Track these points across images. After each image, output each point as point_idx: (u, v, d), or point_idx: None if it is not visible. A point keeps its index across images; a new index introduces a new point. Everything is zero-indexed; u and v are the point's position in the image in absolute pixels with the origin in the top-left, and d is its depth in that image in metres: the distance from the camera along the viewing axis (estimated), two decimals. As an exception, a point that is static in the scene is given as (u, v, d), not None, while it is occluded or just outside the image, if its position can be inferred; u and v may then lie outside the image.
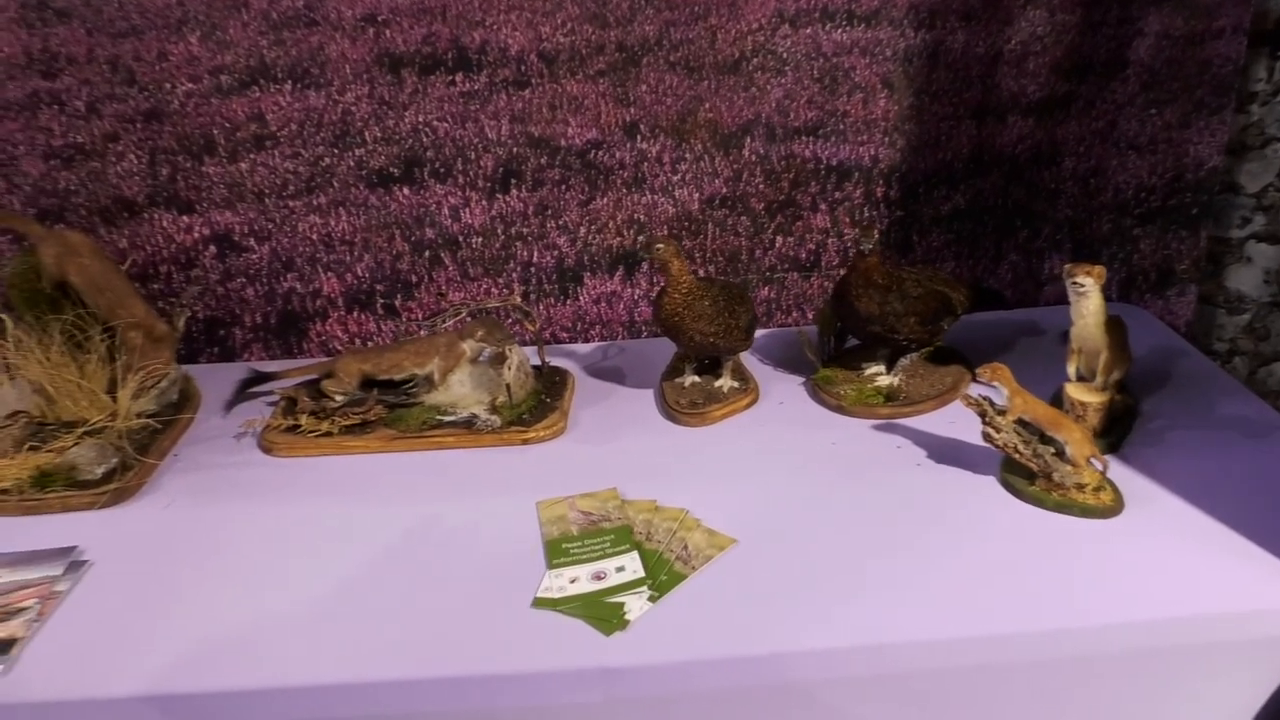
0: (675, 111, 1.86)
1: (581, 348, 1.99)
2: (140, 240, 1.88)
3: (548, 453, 1.63)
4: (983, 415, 1.43)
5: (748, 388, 1.74)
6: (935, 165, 1.93)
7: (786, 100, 1.86)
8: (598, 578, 1.31)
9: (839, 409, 1.69)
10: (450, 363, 1.69)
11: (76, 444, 1.56)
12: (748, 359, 1.84)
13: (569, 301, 1.98)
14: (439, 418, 1.66)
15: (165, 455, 1.64)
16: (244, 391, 1.78)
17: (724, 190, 1.92)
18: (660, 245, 1.58)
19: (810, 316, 2.03)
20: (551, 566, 1.34)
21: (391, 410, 1.69)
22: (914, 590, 1.27)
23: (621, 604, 1.26)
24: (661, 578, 1.31)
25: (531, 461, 1.61)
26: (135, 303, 1.68)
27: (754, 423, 1.69)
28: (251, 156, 1.83)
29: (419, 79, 1.80)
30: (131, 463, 1.56)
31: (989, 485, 1.48)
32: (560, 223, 1.92)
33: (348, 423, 1.66)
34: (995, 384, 1.44)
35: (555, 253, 1.94)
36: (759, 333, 1.87)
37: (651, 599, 1.27)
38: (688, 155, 1.89)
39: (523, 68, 1.81)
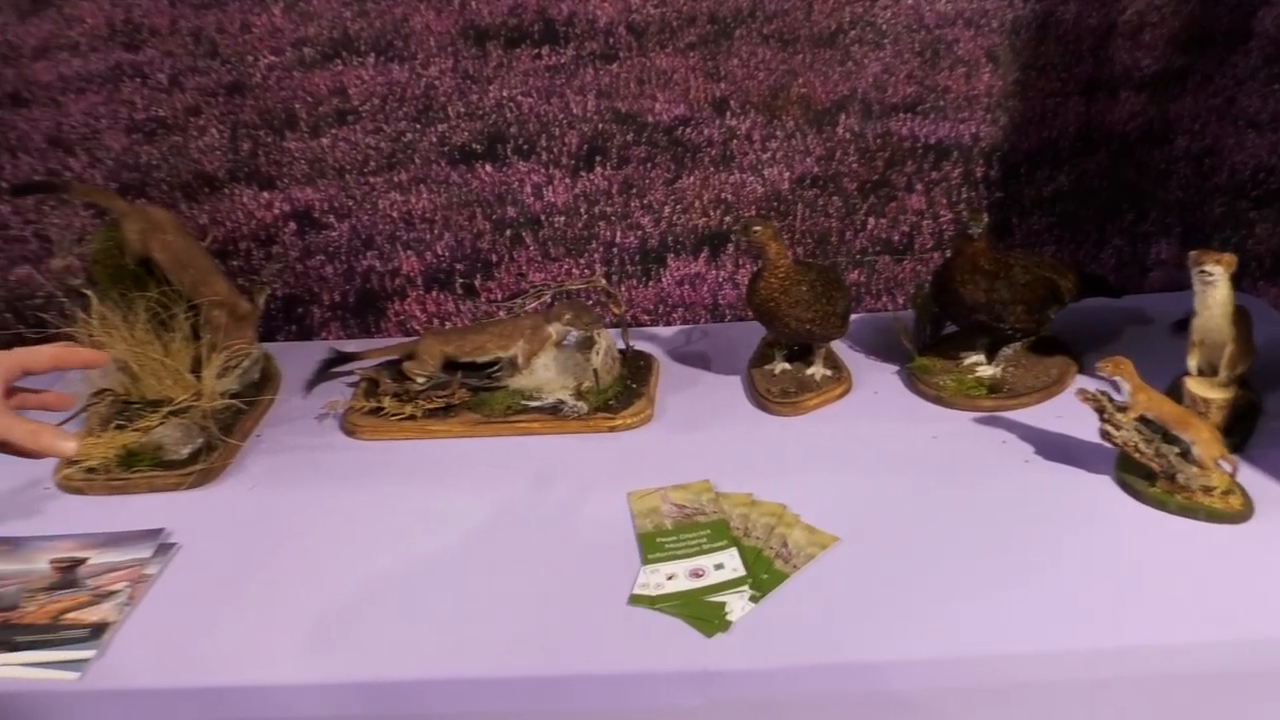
0: (767, 86, 1.79)
1: (664, 331, 1.93)
2: (220, 216, 1.86)
3: (635, 441, 1.58)
4: (1101, 411, 1.36)
5: (840, 376, 1.67)
6: (1039, 144, 1.84)
7: (884, 75, 1.78)
8: (696, 575, 1.26)
9: (938, 400, 1.61)
10: (535, 346, 1.64)
11: (162, 423, 1.54)
12: (838, 346, 1.77)
13: (651, 283, 1.93)
14: (524, 403, 1.62)
15: (248, 436, 1.62)
16: (325, 372, 1.75)
17: (815, 169, 1.85)
18: (758, 227, 1.52)
19: (900, 302, 1.96)
20: (647, 562, 1.29)
21: (475, 394, 1.65)
22: (1026, 596, 1.20)
23: (723, 604, 1.21)
24: (762, 576, 1.26)
25: (619, 450, 1.56)
26: (219, 280, 1.66)
27: (848, 413, 1.62)
28: (333, 131, 1.80)
29: (504, 52, 1.75)
30: (216, 443, 1.55)
31: (1104, 485, 1.40)
32: (645, 202, 1.86)
33: (431, 406, 1.62)
34: (1117, 378, 1.35)
35: (638, 233, 1.89)
36: (849, 318, 1.79)
37: (753, 599, 1.22)
38: (779, 132, 1.82)
39: (611, 40, 1.74)
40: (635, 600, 1.23)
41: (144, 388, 1.62)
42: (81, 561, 1.35)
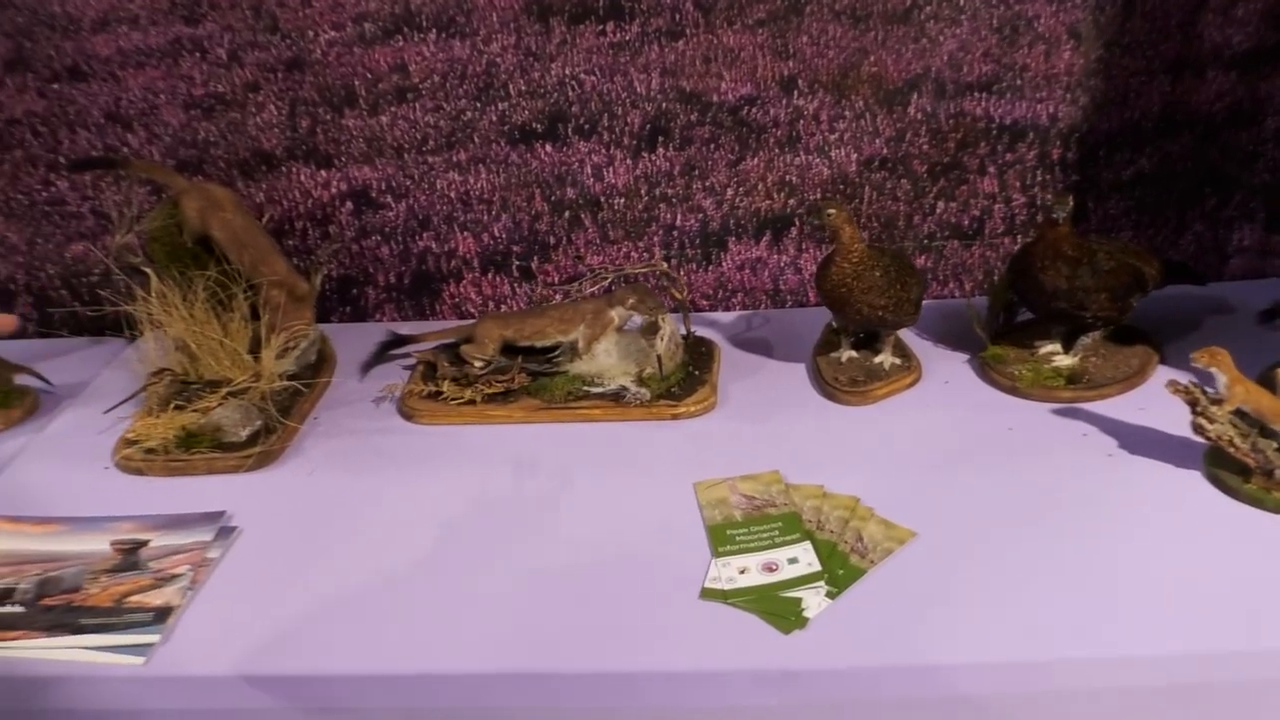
0: (837, 65, 1.73)
1: (724, 316, 1.88)
2: (277, 195, 1.84)
3: (699, 429, 1.54)
4: (1194, 404, 1.29)
5: (910, 365, 1.62)
6: (1120, 125, 1.77)
7: (960, 53, 1.71)
8: (769, 569, 1.22)
9: (1013, 390, 1.56)
10: (596, 331, 1.61)
11: (221, 404, 1.52)
12: (905, 333, 1.71)
13: (711, 268, 1.88)
14: (585, 388, 1.58)
15: (306, 419, 1.60)
16: (382, 354, 1.73)
17: (884, 151, 1.79)
18: (832, 210, 1.47)
19: (968, 288, 1.90)
20: (718, 555, 1.25)
21: (534, 379, 1.62)
22: (1114, 598, 1.15)
23: (798, 599, 1.17)
24: (838, 572, 1.21)
25: (683, 438, 1.52)
26: (277, 260, 1.64)
27: (919, 403, 1.57)
28: (392, 109, 1.76)
29: (568, 28, 1.70)
30: (275, 426, 1.52)
31: (1194, 480, 1.34)
32: (707, 184, 1.81)
33: (491, 391, 1.59)
34: (1213, 370, 1.29)
35: (700, 216, 1.84)
36: (916, 304, 1.74)
37: (830, 595, 1.18)
38: (847, 113, 1.76)
39: (677, 17, 1.69)
40: (707, 594, 1.20)
41: (203, 368, 1.60)
42: (143, 544, 1.33)
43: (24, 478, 1.50)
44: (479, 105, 1.76)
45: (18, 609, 1.22)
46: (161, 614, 1.20)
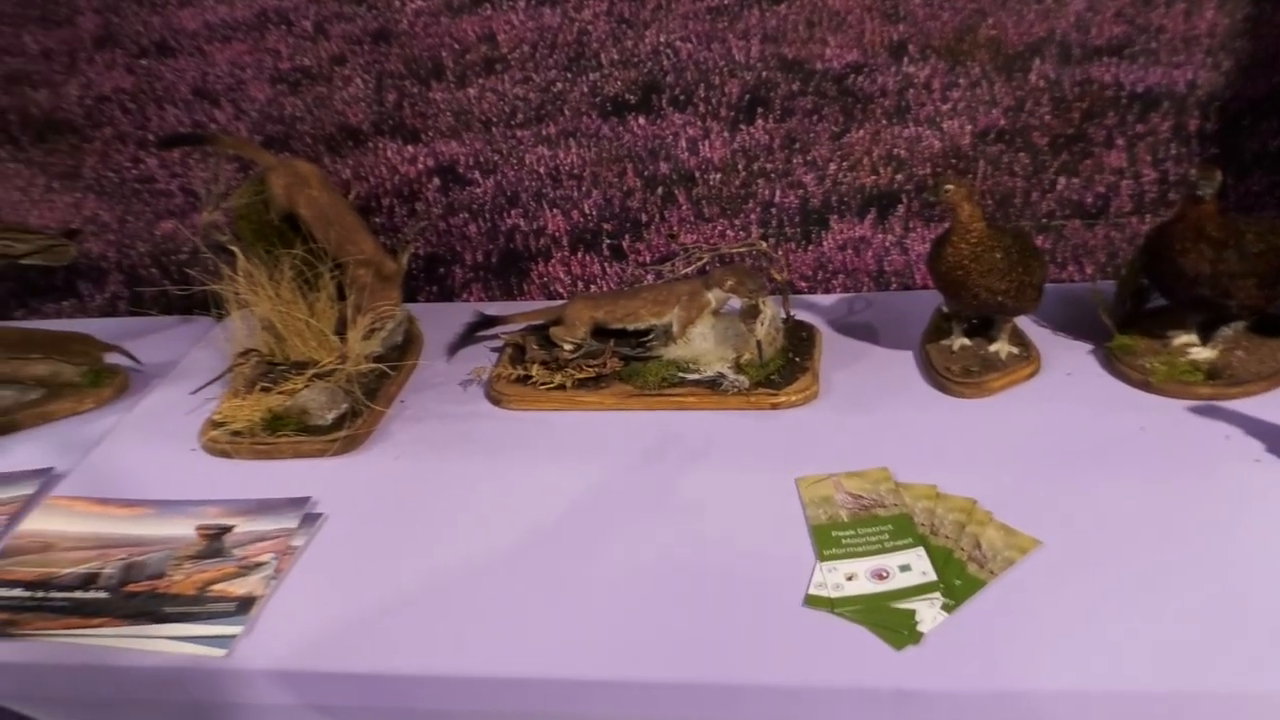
0: (952, 28, 1.60)
1: (824, 299, 1.78)
2: (364, 171, 1.80)
3: (800, 420, 1.45)
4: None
5: (1029, 354, 1.50)
6: (1268, 91, 1.60)
7: (1089, 13, 1.57)
8: (879, 576, 1.13)
9: (1144, 385, 1.43)
10: (692, 314, 1.52)
11: (306, 386, 1.49)
12: (1023, 321, 1.59)
13: (811, 247, 1.78)
14: (680, 375, 1.50)
15: (393, 402, 1.56)
16: (469, 335, 1.68)
17: (1001, 122, 1.66)
18: (951, 185, 1.35)
19: (1090, 272, 1.76)
20: (823, 558, 1.17)
21: (626, 364, 1.55)
22: (1266, 623, 1.03)
23: (911, 611, 1.08)
24: (955, 582, 1.12)
25: (783, 429, 1.43)
26: (364, 238, 1.59)
27: (1040, 397, 1.45)
28: (480, 81, 1.70)
29: (663, -7, 1.62)
30: (361, 409, 1.48)
31: (1357, 491, 1.21)
32: (808, 158, 1.71)
33: (581, 376, 1.53)
34: None
35: (800, 192, 1.74)
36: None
37: (946, 608, 1.08)
38: (962, 80, 1.64)
39: (779, -21, 1.59)
40: (812, 601, 1.11)
41: (289, 349, 1.57)
42: (228, 529, 1.30)
43: (112, 458, 1.49)
44: (569, 76, 1.68)
45: (102, 595, 1.20)
46: (245, 604, 1.17)
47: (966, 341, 1.53)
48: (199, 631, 1.14)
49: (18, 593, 1.22)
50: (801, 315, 1.69)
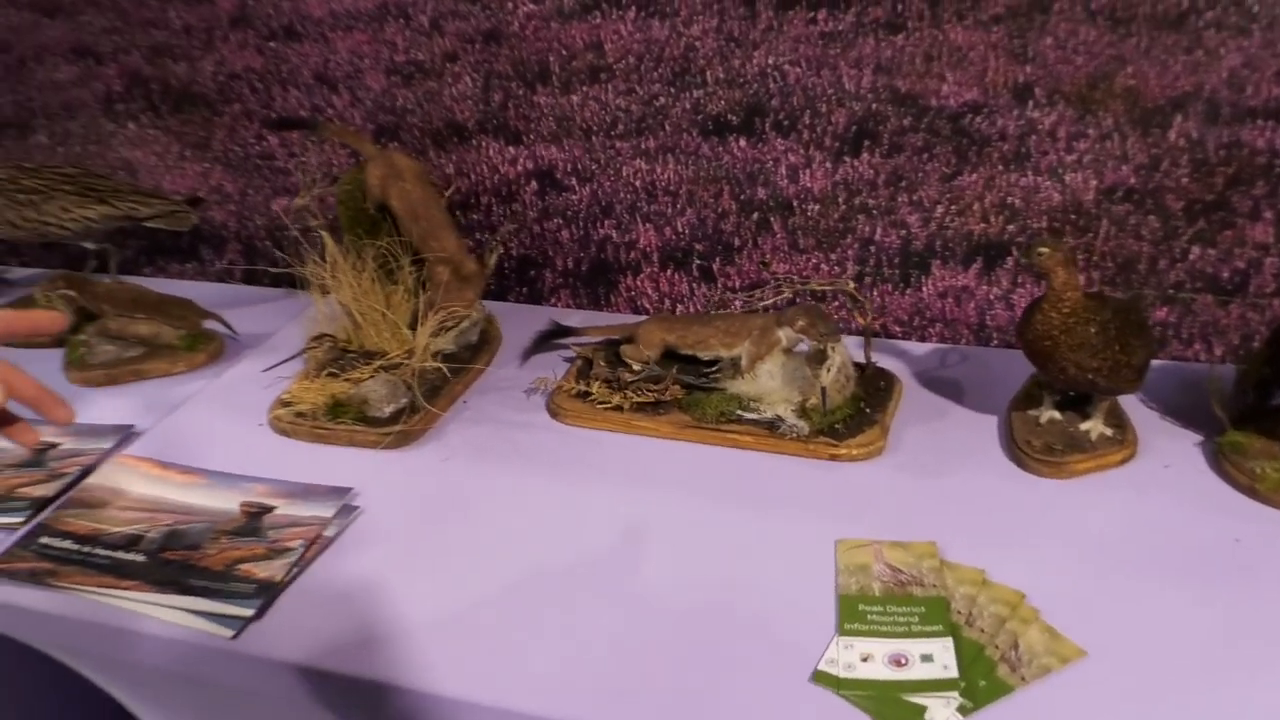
0: (1085, 74, 1.48)
1: (916, 348, 1.68)
2: (466, 168, 1.81)
3: (858, 476, 1.37)
4: None
5: (1124, 438, 1.37)
6: None
7: (1245, 70, 1.42)
8: (897, 663, 1.05)
9: (1249, 490, 1.28)
10: (761, 350, 1.46)
11: (371, 377, 1.51)
12: (1127, 399, 1.45)
13: (909, 291, 1.68)
14: (739, 412, 1.45)
15: (455, 401, 1.57)
16: (540, 344, 1.67)
17: (1132, 180, 1.52)
18: (1045, 248, 1.24)
19: (1218, 353, 1.59)
20: (843, 632, 1.09)
21: (688, 392, 1.50)
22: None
23: (923, 708, 1.00)
24: (980, 683, 1.02)
25: (837, 484, 1.36)
26: (449, 236, 1.60)
27: (1128, 487, 1.32)
28: (584, 89, 1.68)
29: (775, 14, 1.55)
30: (420, 406, 1.50)
31: None
32: (914, 198, 1.61)
33: (641, 400, 1.49)
34: None
35: (902, 232, 1.65)
36: (1148, 365, 1.47)
37: (963, 710, 0.99)
38: (1091, 131, 1.51)
39: (899, 7, 1.50)
40: (819, 678, 1.04)
41: (363, 337, 1.60)
42: (269, 510, 1.33)
43: (185, 423, 1.56)
44: (673, 91, 1.64)
45: (139, 558, 1.25)
46: (263, 588, 1.19)
47: (1056, 415, 1.41)
48: (215, 609, 1.16)
49: (67, 544, 1.28)
50: (886, 362, 1.60)
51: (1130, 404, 1.45)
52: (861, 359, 1.53)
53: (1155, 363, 1.46)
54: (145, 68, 1.94)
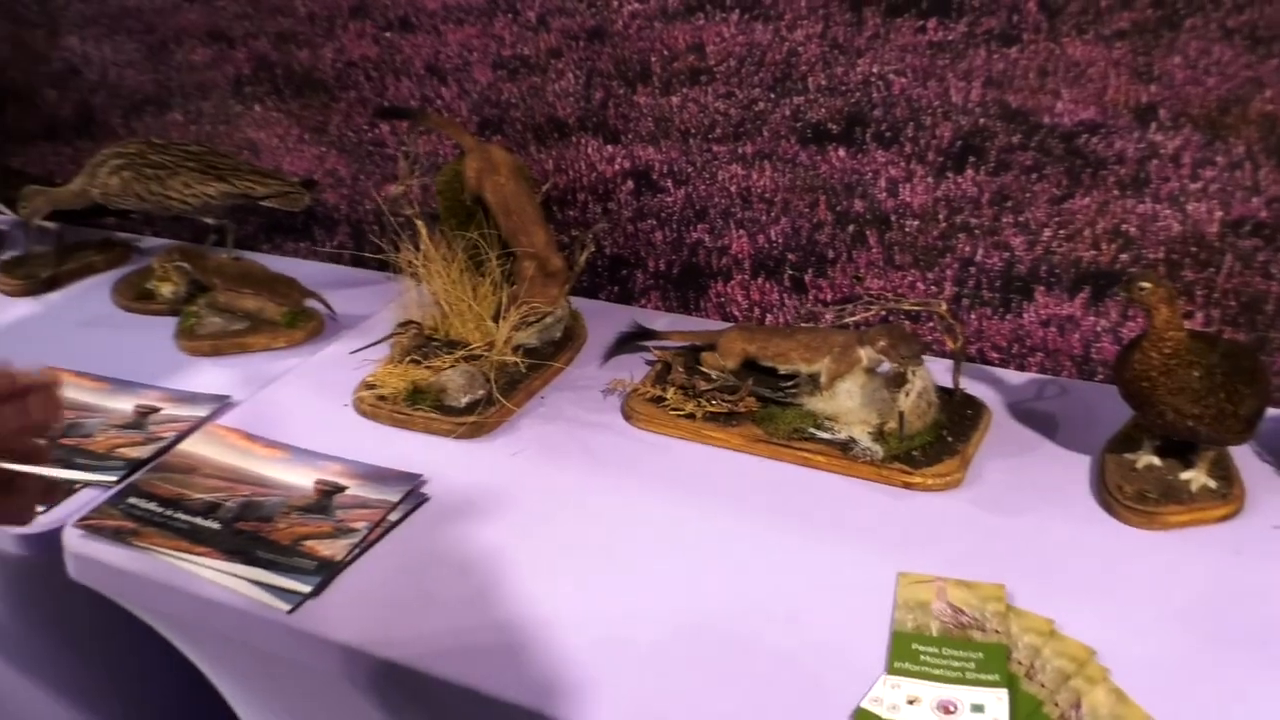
0: (1216, 97, 1.37)
1: (1012, 376, 1.60)
2: (565, 164, 1.82)
3: (931, 507, 1.31)
4: None
5: (1229, 492, 1.27)
6: None
7: (1402, 100, 1.29)
8: (945, 710, 1.00)
9: (1370, 559, 1.17)
10: (841, 368, 1.42)
11: (451, 367, 1.54)
12: (1240, 450, 1.34)
13: (1009, 316, 1.60)
14: (812, 430, 1.41)
15: (532, 396, 1.57)
16: (621, 345, 1.66)
17: (1263, 213, 1.40)
18: (1147, 284, 1.16)
19: (1352, 403, 1.46)
20: (892, 671, 1.05)
21: (763, 405, 1.47)
22: None
23: (965, 761, 0.95)
24: (1031, 741, 0.97)
25: (907, 513, 1.30)
26: (538, 232, 1.61)
27: (1227, 547, 1.22)
28: (684, 90, 1.66)
29: (883, 21, 1.50)
30: (495, 399, 1.51)
31: None
32: (1020, 219, 1.53)
33: (714, 409, 1.47)
34: None
35: (1005, 254, 1.57)
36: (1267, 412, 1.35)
37: (1009, 768, 0.94)
38: (1219, 158, 1.40)
39: (1015, 18, 1.43)
40: (861, 716, 1.00)
41: (449, 327, 1.62)
42: (341, 489, 1.37)
43: (277, 398, 1.62)
44: (773, 96, 1.61)
45: (214, 525, 1.30)
46: (323, 566, 1.22)
47: (1155, 461, 1.32)
48: (276, 582, 1.20)
49: (152, 506, 1.34)
50: (978, 389, 1.53)
51: (1243, 455, 1.34)
52: (950, 384, 1.47)
53: (1272, 410, 1.35)
54: (272, 53, 2.02)
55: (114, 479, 1.42)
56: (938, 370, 1.48)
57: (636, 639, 1.11)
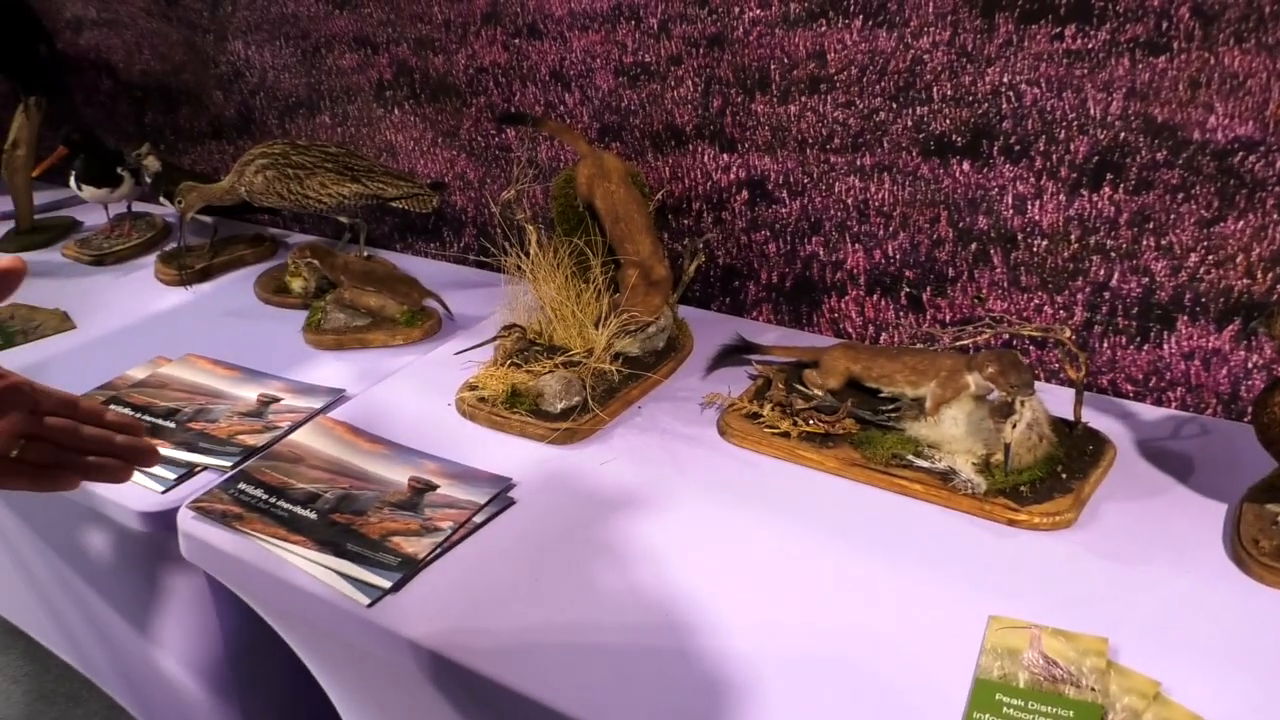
0: (1398, 112, 1.23)
1: (1147, 411, 1.48)
2: (681, 172, 1.80)
3: (1035, 547, 1.22)
4: None
5: (1387, 555, 1.13)
6: None
7: None
8: (1022, 771, 0.93)
9: None
10: (948, 393, 1.34)
11: (550, 372, 1.54)
12: (1406, 506, 1.19)
13: (1147, 347, 1.48)
14: (911, 457, 1.33)
15: (629, 405, 1.56)
16: (723, 358, 1.63)
17: None
18: (1285, 320, 1.05)
19: None
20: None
21: (862, 428, 1.41)
22: None
23: (1039, 831, 0.87)
24: (1117, 816, 0.88)
25: (1008, 552, 1.22)
26: (645, 240, 1.59)
27: (1378, 615, 1.09)
28: (802, 99, 1.62)
29: (1016, 28, 1.41)
30: (590, 406, 1.50)
31: None
32: (1163, 242, 1.41)
33: (810, 429, 1.41)
34: None
35: (1144, 279, 1.45)
36: None
37: (1088, 844, 0.86)
38: (1400, 180, 1.25)
39: (1165, 24, 1.31)
40: (929, 768, 0.94)
41: (552, 332, 1.63)
42: (433, 488, 1.39)
43: (387, 393, 1.66)
44: (894, 106, 1.54)
45: (312, 516, 1.34)
46: (406, 563, 1.24)
47: (1301, 514, 1.19)
48: (360, 575, 1.23)
49: (259, 493, 1.40)
50: (1105, 423, 1.42)
51: (1406, 515, 1.19)
52: (1071, 416, 1.37)
53: None
54: (411, 58, 2.08)
55: (229, 464, 1.49)
56: (1061, 401, 1.38)
57: (707, 660, 1.08)
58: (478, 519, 1.33)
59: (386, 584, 1.21)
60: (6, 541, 1.92)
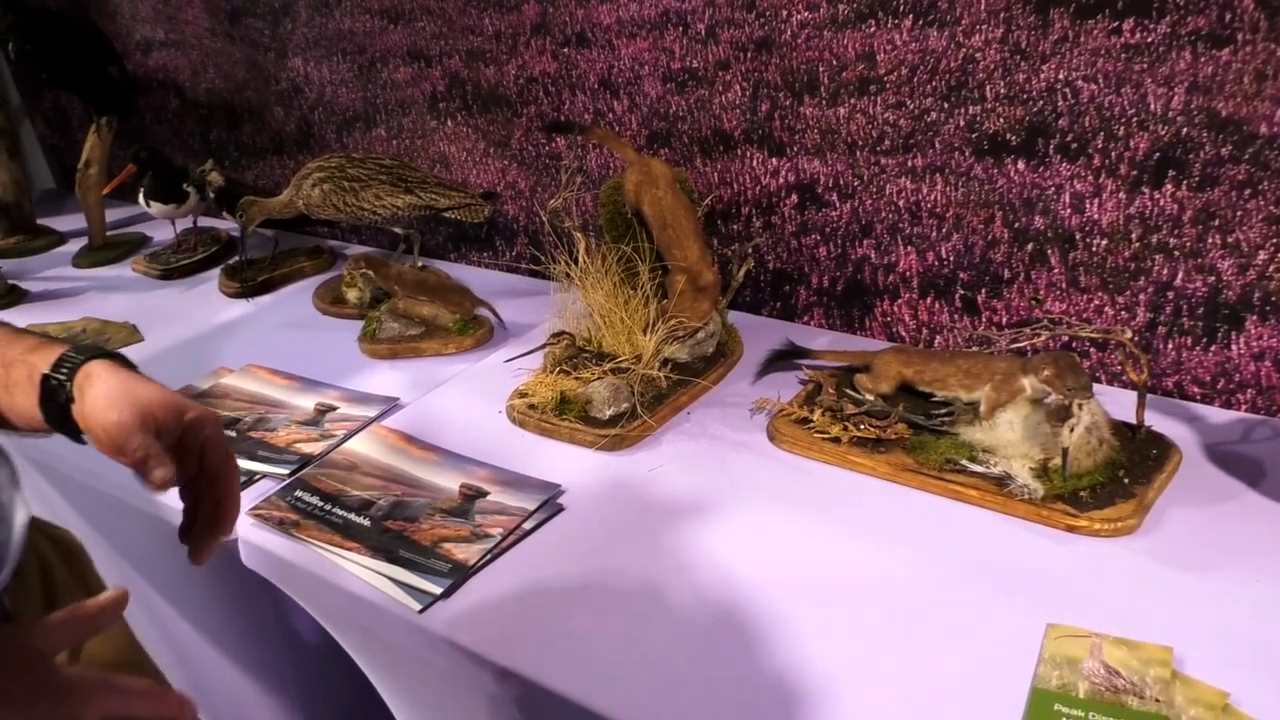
0: None
1: (1215, 414, 1.43)
2: (729, 177, 1.79)
3: (1095, 554, 1.19)
4: None
5: None
6: None
7: None
8: (1081, 784, 0.90)
9: None
10: (1003, 397, 1.31)
11: (599, 378, 1.54)
12: None
13: (1214, 348, 1.43)
14: (965, 462, 1.31)
15: (678, 411, 1.56)
16: (772, 363, 1.61)
17: None
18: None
19: None
20: (1023, 733, 0.95)
21: (915, 432, 1.38)
22: None
23: (1099, 847, 0.85)
24: (1181, 833, 0.85)
25: (1067, 559, 1.18)
26: (693, 246, 1.59)
27: None
28: (851, 101, 1.60)
29: (1072, 23, 1.38)
30: (638, 413, 1.50)
31: None
32: (1229, 240, 1.37)
33: (861, 434, 1.39)
34: None
35: (1211, 278, 1.40)
36: None
37: None
38: None
39: (1229, 15, 1.27)
40: (983, 781, 0.92)
41: (600, 338, 1.63)
42: (484, 495, 1.40)
43: (439, 401, 1.68)
44: (946, 106, 1.51)
45: (365, 522, 1.36)
46: (457, 569, 1.25)
47: (1379, 520, 1.13)
48: (412, 581, 1.24)
49: (314, 500, 1.42)
50: (1170, 426, 1.38)
51: None
52: (1133, 419, 1.33)
53: None
54: (463, 70, 2.11)
55: (286, 472, 1.51)
56: (1124, 404, 1.34)
57: (752, 669, 1.07)
58: (527, 525, 1.33)
59: (437, 590, 1.22)
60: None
